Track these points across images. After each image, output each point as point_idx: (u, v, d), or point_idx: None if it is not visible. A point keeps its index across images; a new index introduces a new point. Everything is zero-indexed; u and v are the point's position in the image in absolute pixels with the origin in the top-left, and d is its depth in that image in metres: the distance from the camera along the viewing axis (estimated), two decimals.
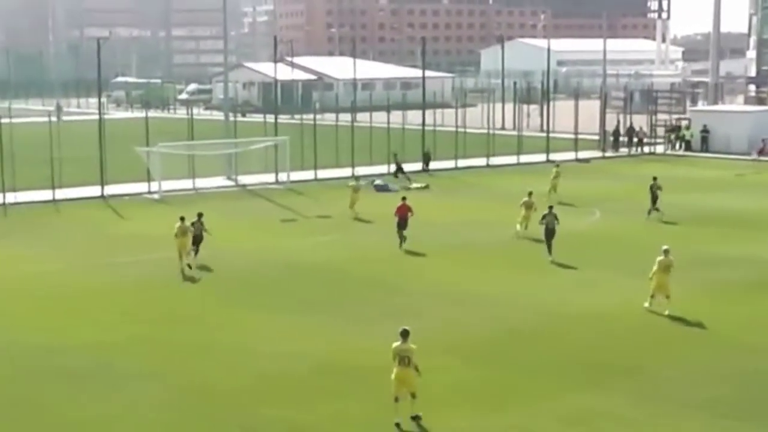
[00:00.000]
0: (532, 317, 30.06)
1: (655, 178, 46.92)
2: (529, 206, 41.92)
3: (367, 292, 33.49)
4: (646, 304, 30.86)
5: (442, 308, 31.26)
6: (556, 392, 23.63)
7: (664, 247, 31.05)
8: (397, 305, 31.45)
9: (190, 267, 36.54)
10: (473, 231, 44.21)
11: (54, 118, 61.19)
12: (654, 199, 46.52)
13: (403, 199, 42.12)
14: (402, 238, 40.34)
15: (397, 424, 21.50)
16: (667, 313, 30.08)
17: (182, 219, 37.38)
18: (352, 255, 39.59)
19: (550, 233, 37.79)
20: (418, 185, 58.29)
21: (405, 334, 21.89)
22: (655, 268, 30.62)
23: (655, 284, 30.66)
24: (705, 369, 25.33)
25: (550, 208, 38.62)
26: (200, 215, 38.20)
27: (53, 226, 46.86)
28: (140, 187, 56.64)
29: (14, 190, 53.18)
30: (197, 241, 37.44)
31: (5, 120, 54.06)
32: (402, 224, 40.60)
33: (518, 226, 42.02)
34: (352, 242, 42.50)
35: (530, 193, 42.51)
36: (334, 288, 34.13)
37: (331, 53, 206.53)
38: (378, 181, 57.70)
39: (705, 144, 77.83)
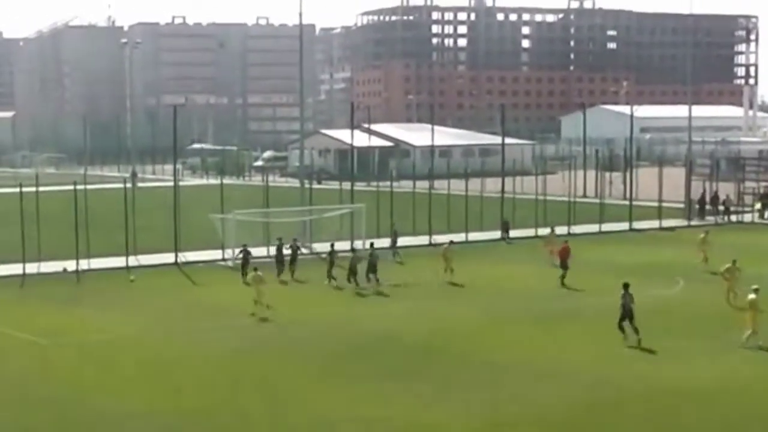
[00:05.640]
0: (617, 390, 28.79)
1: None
2: (732, 272, 41.57)
3: (441, 361, 32.49)
4: (743, 339, 33.06)
5: (520, 379, 30.22)
6: None
7: (754, 286, 33.55)
8: (473, 376, 30.65)
9: None
10: (554, 301, 43.07)
11: (129, 185, 60.77)
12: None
13: (566, 241, 49.79)
14: (563, 275, 46.31)
15: None
16: (743, 344, 32.86)
17: None
18: (428, 324, 38.79)
19: (627, 313, 34.71)
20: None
21: None
22: (746, 306, 33.30)
23: (749, 320, 33.10)
24: None
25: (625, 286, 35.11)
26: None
27: (127, 293, 46.52)
28: (214, 254, 56.24)
29: (88, 256, 52.83)
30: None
31: (80, 187, 53.89)
32: (564, 264, 46.84)
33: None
34: (427, 311, 41.66)
35: (734, 261, 42.19)
36: (408, 357, 33.20)
37: (409, 120, 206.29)
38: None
39: None
